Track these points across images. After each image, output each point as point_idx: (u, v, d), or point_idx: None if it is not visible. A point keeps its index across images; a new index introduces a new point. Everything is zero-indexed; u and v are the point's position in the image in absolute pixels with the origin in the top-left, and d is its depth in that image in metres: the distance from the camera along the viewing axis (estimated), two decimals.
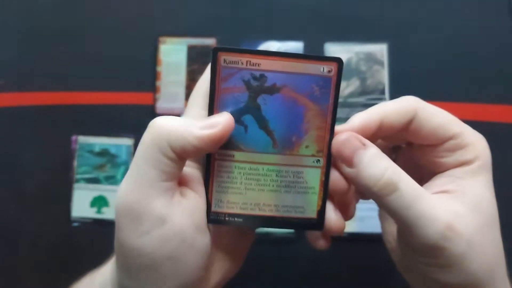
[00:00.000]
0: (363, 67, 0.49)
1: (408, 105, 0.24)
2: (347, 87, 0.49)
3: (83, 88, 0.50)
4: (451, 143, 0.24)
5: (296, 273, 0.47)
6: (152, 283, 0.22)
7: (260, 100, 0.23)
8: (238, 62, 0.22)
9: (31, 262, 0.48)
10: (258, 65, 0.22)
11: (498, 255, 0.23)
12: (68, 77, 0.51)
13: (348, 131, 0.23)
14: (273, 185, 0.24)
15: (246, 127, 0.23)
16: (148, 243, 0.21)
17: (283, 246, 0.47)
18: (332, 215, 0.25)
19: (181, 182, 0.24)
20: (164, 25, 0.50)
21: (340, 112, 0.48)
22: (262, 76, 0.22)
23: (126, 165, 0.49)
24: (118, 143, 0.49)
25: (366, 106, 0.49)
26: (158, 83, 0.50)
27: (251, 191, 0.24)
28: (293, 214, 0.24)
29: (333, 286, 0.46)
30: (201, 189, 0.24)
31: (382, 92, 0.49)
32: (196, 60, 0.49)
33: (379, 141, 0.27)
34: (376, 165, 0.22)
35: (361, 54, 0.49)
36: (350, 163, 0.22)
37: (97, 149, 0.50)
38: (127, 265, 0.23)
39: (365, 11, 0.49)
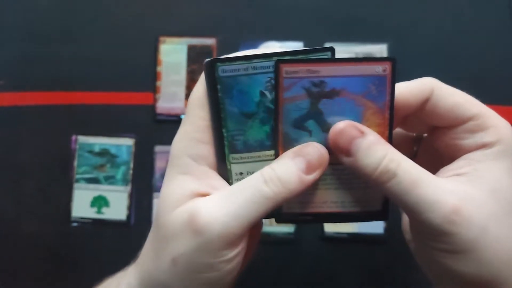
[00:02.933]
0: None
1: (424, 83, 0.24)
2: None
3: (83, 88, 0.50)
4: (470, 124, 0.23)
5: (296, 273, 0.47)
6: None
7: (321, 105, 0.24)
8: (298, 72, 0.23)
9: (31, 262, 0.48)
10: (317, 72, 0.23)
11: None
12: (68, 77, 0.51)
13: (346, 121, 0.23)
14: (337, 183, 0.25)
15: (310, 132, 0.24)
16: (228, 266, 0.23)
17: (283, 246, 0.47)
18: None
19: None
20: (164, 25, 0.50)
21: None
22: (321, 82, 0.23)
23: (126, 165, 0.49)
24: (118, 143, 0.49)
25: None
26: (158, 83, 0.50)
27: (318, 191, 0.25)
28: (358, 208, 0.25)
29: (333, 286, 0.46)
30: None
31: None
32: (196, 60, 0.49)
33: (400, 130, 0.27)
34: (374, 153, 0.22)
35: (361, 55, 0.49)
36: (347, 152, 0.22)
37: (97, 149, 0.50)
38: (191, 279, 0.23)
39: (365, 11, 0.49)
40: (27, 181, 0.49)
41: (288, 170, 0.23)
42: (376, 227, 0.47)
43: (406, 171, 0.21)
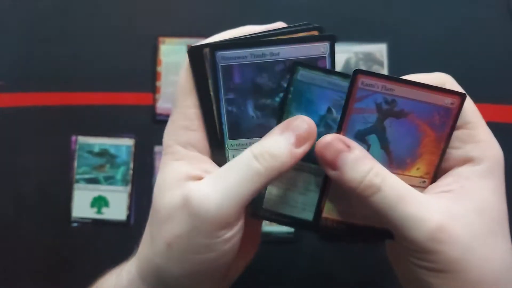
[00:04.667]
0: (362, 67, 0.49)
1: (437, 77, 0.24)
2: None
3: (83, 88, 0.50)
4: (463, 132, 0.23)
5: (296, 273, 0.47)
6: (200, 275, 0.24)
7: (386, 122, 0.24)
8: (374, 86, 0.23)
9: (31, 263, 0.48)
10: (391, 90, 0.23)
11: (506, 268, 0.21)
12: (68, 77, 0.51)
13: (333, 134, 0.23)
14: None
15: (369, 146, 0.24)
16: (225, 246, 0.23)
17: (283, 246, 0.47)
18: None
19: None
20: (164, 26, 0.50)
21: None
22: (393, 101, 0.24)
23: (126, 165, 0.49)
24: (118, 143, 0.49)
25: None
26: (158, 83, 0.50)
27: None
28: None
29: (333, 286, 0.46)
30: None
31: None
32: None
33: None
34: (359, 167, 0.22)
35: (360, 54, 0.49)
36: (333, 165, 0.22)
37: (96, 149, 0.50)
38: (185, 260, 0.23)
39: (364, 11, 0.49)
40: (27, 181, 0.49)
41: (277, 144, 0.23)
42: None
43: (391, 186, 0.21)
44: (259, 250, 0.29)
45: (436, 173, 0.24)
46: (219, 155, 0.25)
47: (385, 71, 0.49)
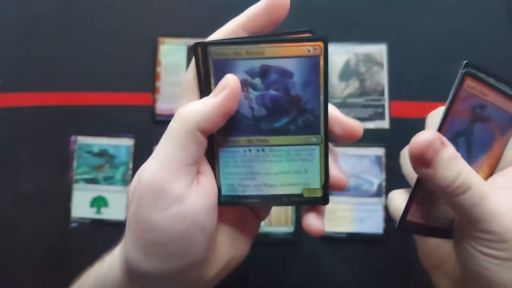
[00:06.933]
0: (362, 68, 0.49)
1: None
2: (346, 88, 0.49)
3: (83, 88, 0.50)
4: None
5: (295, 273, 0.47)
6: (159, 259, 0.23)
7: (475, 126, 0.25)
8: (475, 89, 0.24)
9: (30, 263, 0.48)
10: (486, 95, 0.24)
11: None
12: (68, 77, 0.51)
13: (434, 132, 0.23)
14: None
15: (458, 148, 0.24)
16: (164, 219, 0.23)
17: (282, 246, 0.47)
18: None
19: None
20: (163, 26, 0.50)
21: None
22: (485, 106, 0.24)
23: (125, 165, 0.49)
24: (117, 143, 0.49)
25: (365, 107, 0.49)
26: (157, 83, 0.50)
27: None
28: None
29: (332, 286, 0.46)
30: (211, 173, 0.25)
31: (381, 93, 0.49)
32: None
33: None
34: (453, 167, 0.23)
35: (360, 55, 0.49)
36: (429, 163, 0.23)
37: (96, 149, 0.50)
38: (139, 239, 0.23)
39: (364, 12, 0.49)
40: (27, 181, 0.49)
41: (192, 103, 0.24)
42: (374, 227, 0.47)
43: (478, 185, 0.23)
44: (259, 250, 0.29)
45: (492, 174, 0.26)
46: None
47: (385, 72, 0.49)
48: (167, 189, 0.23)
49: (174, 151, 0.23)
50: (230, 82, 0.23)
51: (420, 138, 0.23)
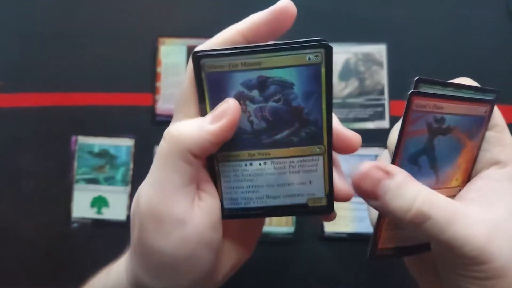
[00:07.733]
0: (362, 68, 0.49)
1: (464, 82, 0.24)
2: (346, 88, 0.49)
3: (83, 89, 0.50)
4: (491, 135, 0.24)
5: (295, 273, 0.47)
6: (168, 278, 0.23)
7: (435, 141, 0.23)
8: (426, 106, 0.23)
9: (31, 263, 0.48)
10: (441, 108, 0.23)
11: None
12: (68, 78, 0.51)
13: (370, 162, 0.22)
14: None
15: (420, 168, 0.23)
16: (170, 244, 0.22)
17: (282, 246, 0.47)
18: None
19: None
20: (163, 26, 0.50)
21: (338, 113, 0.48)
22: (442, 119, 0.23)
23: (126, 166, 0.49)
24: (118, 144, 0.49)
25: (365, 107, 0.49)
26: (157, 84, 0.50)
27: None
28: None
29: (332, 286, 0.46)
30: (213, 188, 0.24)
31: (381, 93, 0.49)
32: None
33: None
34: (404, 195, 0.21)
35: (359, 55, 0.49)
36: (374, 196, 0.22)
37: (96, 149, 0.50)
38: (146, 263, 0.23)
39: (364, 11, 0.49)
40: (27, 182, 0.49)
41: (185, 123, 0.23)
42: None
43: (439, 211, 0.21)
44: (258, 250, 0.29)
45: (469, 178, 0.24)
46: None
47: (384, 72, 0.49)
48: (167, 214, 0.22)
49: (168, 175, 0.22)
50: (230, 109, 0.22)
51: (355, 172, 0.22)
